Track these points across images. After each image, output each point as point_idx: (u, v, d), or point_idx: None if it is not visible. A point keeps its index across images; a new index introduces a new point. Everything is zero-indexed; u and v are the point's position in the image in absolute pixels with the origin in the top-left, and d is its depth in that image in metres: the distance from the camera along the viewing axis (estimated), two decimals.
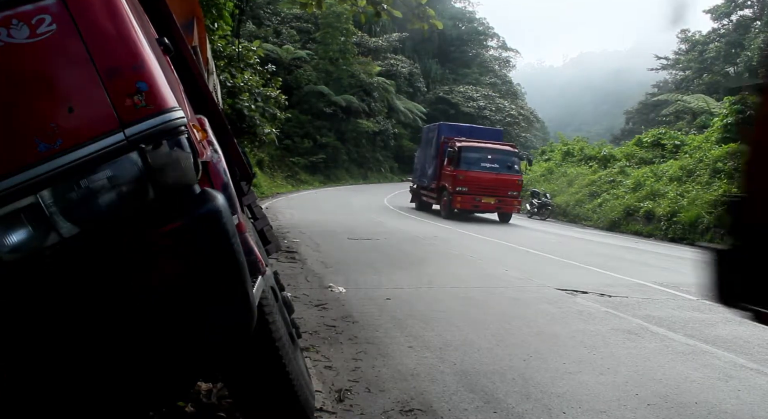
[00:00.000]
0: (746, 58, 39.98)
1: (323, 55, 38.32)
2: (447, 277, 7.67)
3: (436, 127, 20.90)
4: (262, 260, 2.24)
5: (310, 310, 5.42)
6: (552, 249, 11.24)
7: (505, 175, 18.14)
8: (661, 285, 7.91)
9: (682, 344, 5.03)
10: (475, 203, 17.78)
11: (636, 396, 3.69)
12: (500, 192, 17.97)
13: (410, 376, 3.80)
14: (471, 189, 17.66)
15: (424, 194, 20.92)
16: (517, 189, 18.60)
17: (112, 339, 1.65)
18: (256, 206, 3.50)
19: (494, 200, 17.85)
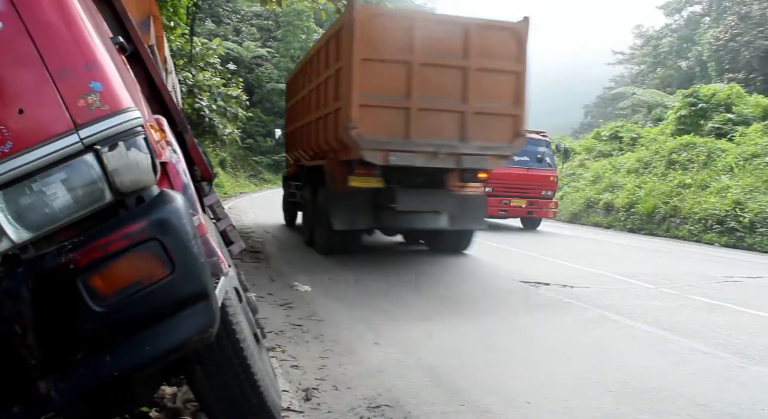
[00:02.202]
0: (697, 53, 41.13)
1: (284, 53, 38.06)
2: (410, 271, 7.71)
3: None
4: (224, 261, 2.22)
5: (275, 310, 5.39)
6: (515, 243, 11.40)
7: (537, 171, 14.52)
8: (620, 274, 8.10)
9: (641, 331, 5.16)
10: (503, 207, 14.08)
11: (597, 383, 3.78)
12: (532, 192, 14.46)
13: (377, 373, 3.82)
14: (497, 189, 13.53)
15: None
16: (552, 187, 14.96)
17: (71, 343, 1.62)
18: (219, 206, 3.46)
19: (525, 202, 14.36)
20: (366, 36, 7.14)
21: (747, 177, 14.81)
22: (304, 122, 10.31)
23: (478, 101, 7.54)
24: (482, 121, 7.60)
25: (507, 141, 7.81)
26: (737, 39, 35.29)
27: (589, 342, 4.77)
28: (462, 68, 7.49)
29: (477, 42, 7.49)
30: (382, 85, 7.24)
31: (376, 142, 7.20)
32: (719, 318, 5.78)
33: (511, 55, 7.75)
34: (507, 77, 7.77)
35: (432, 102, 7.40)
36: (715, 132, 19.47)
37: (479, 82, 7.52)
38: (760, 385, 3.89)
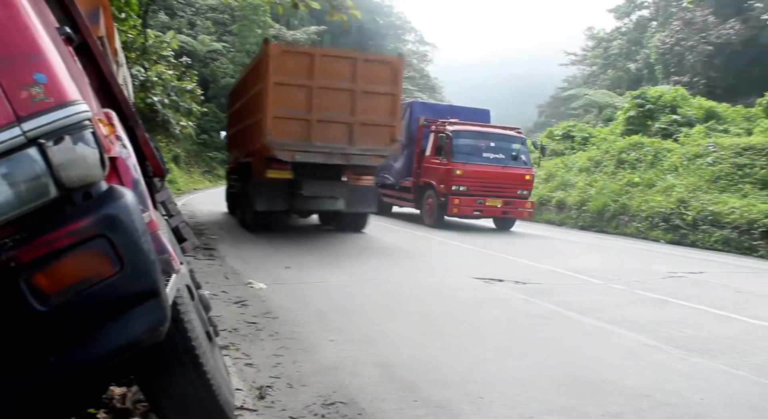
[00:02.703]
0: (645, 56, 42.41)
1: (240, 48, 37.50)
2: (369, 270, 7.73)
3: (407, 107, 15.45)
4: (176, 258, 2.18)
5: (229, 307, 5.33)
6: (469, 240, 11.54)
7: (512, 169, 13.88)
8: (572, 271, 8.30)
9: (590, 326, 5.31)
10: (477, 207, 13.50)
11: (549, 377, 3.87)
12: (508, 191, 13.80)
13: (332, 370, 3.82)
14: (472, 188, 13.35)
15: (388, 194, 16.45)
16: (528, 186, 14.32)
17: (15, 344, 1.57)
18: (171, 203, 3.40)
19: (501, 202, 13.67)
20: (278, 66, 9.62)
21: (690, 176, 15.38)
22: (239, 127, 12.94)
23: (363, 115, 10.02)
24: (366, 129, 10.07)
25: (385, 145, 10.38)
26: (682, 43, 36.54)
27: (541, 338, 4.87)
28: (350, 90, 9.95)
29: (362, 71, 10.04)
30: (290, 102, 9.64)
31: (286, 144, 9.57)
32: (663, 313, 6.00)
33: (389, 81, 10.33)
34: (385, 98, 10.30)
35: (327, 115, 9.84)
36: (662, 132, 20.15)
37: (364, 101, 10.01)
38: (699, 376, 4.05)
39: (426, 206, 14.34)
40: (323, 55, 10.41)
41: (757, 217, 12.37)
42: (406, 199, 15.54)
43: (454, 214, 13.81)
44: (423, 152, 14.54)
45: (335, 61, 10.22)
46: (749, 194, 13.80)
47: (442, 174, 13.56)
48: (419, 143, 14.75)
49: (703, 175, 15.18)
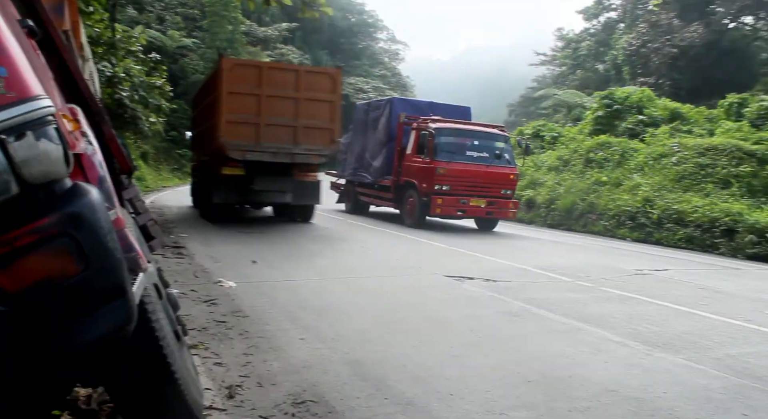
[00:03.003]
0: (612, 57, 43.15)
1: (210, 44, 37.02)
2: (339, 268, 7.73)
3: (386, 103, 15.34)
4: (143, 256, 2.16)
5: (198, 306, 5.27)
6: (442, 239, 11.60)
7: (496, 168, 13.46)
8: (540, 268, 8.41)
9: (558, 323, 5.39)
10: (461, 207, 13.07)
11: (517, 374, 3.92)
12: (492, 190, 13.39)
13: (302, 368, 3.81)
14: (455, 187, 12.94)
15: (365, 193, 16.01)
16: (511, 186, 13.87)
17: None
18: (139, 200, 3.35)
19: (485, 202, 13.25)
20: (230, 78, 11.00)
21: (656, 176, 15.71)
22: (200, 129, 14.38)
23: (305, 119, 11.35)
24: (308, 132, 11.39)
25: (325, 145, 11.70)
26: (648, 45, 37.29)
27: (511, 334, 4.93)
28: (294, 98, 11.30)
29: (304, 81, 11.44)
30: (241, 109, 11.01)
31: (238, 145, 10.91)
32: (629, 309, 6.12)
33: (328, 89, 11.75)
34: (325, 104, 11.63)
35: (274, 120, 11.16)
36: (629, 132, 20.53)
37: (306, 107, 11.36)
38: (662, 371, 4.15)
39: (407, 206, 13.88)
40: (270, 67, 12.67)
41: (719, 216, 12.69)
42: (386, 198, 15.00)
43: (436, 215, 13.39)
44: (404, 150, 14.02)
45: (281, 73, 11.89)
46: (711, 193, 14.16)
47: (425, 173, 13.11)
48: (400, 141, 14.19)
49: (668, 174, 15.52)
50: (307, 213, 12.74)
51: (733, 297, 7.26)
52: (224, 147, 10.85)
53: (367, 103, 17.64)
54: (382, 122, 15.01)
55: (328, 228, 12.60)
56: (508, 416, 3.23)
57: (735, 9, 37.41)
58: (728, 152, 15.51)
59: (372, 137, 15.52)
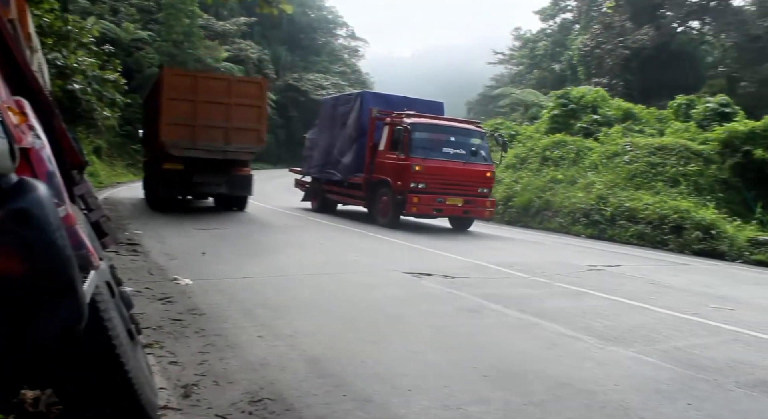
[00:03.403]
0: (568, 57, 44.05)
1: (167, 38, 36.17)
2: (297, 265, 7.68)
3: (357, 97, 14.79)
4: (95, 254, 2.10)
5: (153, 305, 5.17)
6: (399, 236, 11.65)
7: (473, 165, 12.99)
8: (498, 265, 8.54)
9: (515, 318, 5.48)
10: (437, 206, 12.60)
11: (474, 369, 3.97)
12: (468, 189, 12.95)
13: (260, 366, 3.78)
14: (431, 185, 12.47)
15: (334, 191, 15.43)
16: (488, 184, 13.51)
17: None
18: (91, 196, 3.26)
19: (461, 201, 12.78)
20: (170, 86, 12.63)
21: (609, 174, 16.12)
22: (148, 128, 15.69)
23: (236, 122, 12.95)
24: (238, 133, 12.98)
25: (253, 144, 13.33)
26: (602, 47, 38.21)
27: (468, 330, 4.99)
28: (226, 104, 12.89)
29: (235, 89, 13.19)
30: (180, 113, 12.50)
31: (176, 143, 12.45)
32: (583, 304, 6.27)
33: (256, 96, 13.44)
34: (253, 109, 13.26)
35: (208, 122, 12.72)
36: (583, 131, 21.01)
37: (236, 111, 12.97)
38: (614, 364, 4.27)
39: (379, 205, 13.33)
40: (205, 77, 14.44)
41: (668, 213, 13.11)
42: (356, 196, 14.41)
43: (412, 214, 12.96)
44: (376, 146, 13.40)
45: (214, 82, 13.60)
46: (661, 191, 14.62)
47: (399, 170, 12.58)
48: (371, 136, 13.53)
49: (621, 172, 15.95)
50: (241, 202, 14.24)
51: (680, 292, 7.51)
52: (165, 145, 12.45)
53: (335, 97, 17.01)
54: (353, 117, 14.48)
55: (287, 225, 12.52)
56: (465, 411, 3.27)
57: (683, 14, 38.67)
58: (677, 152, 16.05)
59: (341, 132, 14.96)
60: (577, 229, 14.80)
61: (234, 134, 12.93)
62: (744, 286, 8.41)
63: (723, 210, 13.81)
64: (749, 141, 15.57)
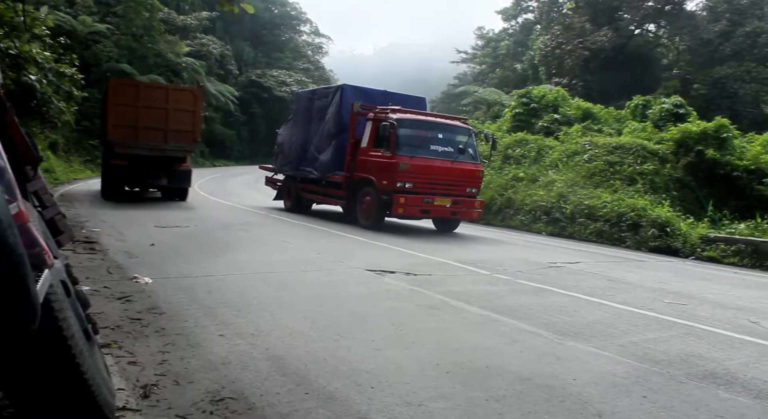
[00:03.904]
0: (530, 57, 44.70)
1: (126, 31, 35.30)
2: (259, 263, 7.61)
3: (336, 91, 13.96)
4: (49, 252, 2.05)
5: (112, 304, 5.06)
6: (362, 233, 11.66)
7: (461, 164, 12.41)
8: (460, 262, 8.62)
9: (476, 315, 5.55)
10: (425, 207, 11.94)
11: (437, 365, 4.01)
12: (457, 188, 12.35)
13: (221, 365, 3.74)
14: (419, 185, 11.84)
15: (310, 191, 14.77)
16: (476, 184, 12.90)
17: None
18: (45, 193, 3.18)
19: (450, 201, 12.15)
20: (115, 94, 14.85)
21: (569, 172, 16.43)
22: (101, 129, 17.56)
23: (173, 124, 14.95)
24: (175, 134, 15.00)
25: (188, 143, 15.48)
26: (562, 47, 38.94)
27: (431, 327, 5.03)
28: (165, 109, 14.90)
29: (173, 96, 15.26)
30: (124, 116, 14.55)
31: (122, 142, 14.50)
32: (543, 301, 6.39)
33: (191, 103, 15.44)
34: (188, 113, 15.31)
35: (149, 124, 14.68)
36: (544, 130, 21.39)
37: (173, 115, 14.98)
38: (573, 359, 4.36)
39: (362, 205, 12.61)
40: (146, 86, 16.73)
41: (625, 211, 13.44)
42: (335, 196, 13.67)
43: (398, 215, 12.28)
44: (358, 143, 12.65)
45: (154, 90, 15.91)
46: (619, 189, 14.98)
47: (384, 168, 11.89)
48: (353, 132, 12.76)
49: (580, 171, 16.28)
50: (182, 193, 16.09)
51: (636, 288, 7.71)
52: (112, 143, 14.60)
53: (312, 90, 16.29)
54: (331, 111, 13.72)
55: (249, 223, 12.40)
56: (427, 407, 3.30)
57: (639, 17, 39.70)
58: (634, 151, 16.48)
59: (318, 128, 14.26)
60: (538, 227, 15.05)
61: (171, 135, 14.95)
62: (696, 282, 8.68)
63: (677, 209, 14.23)
64: (701, 141, 16.07)
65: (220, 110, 45.17)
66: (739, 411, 3.57)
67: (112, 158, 14.63)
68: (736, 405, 3.65)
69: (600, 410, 3.42)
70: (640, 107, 22.68)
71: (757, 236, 11.78)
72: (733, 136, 16.46)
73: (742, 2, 36.91)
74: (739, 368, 4.41)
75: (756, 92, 31.96)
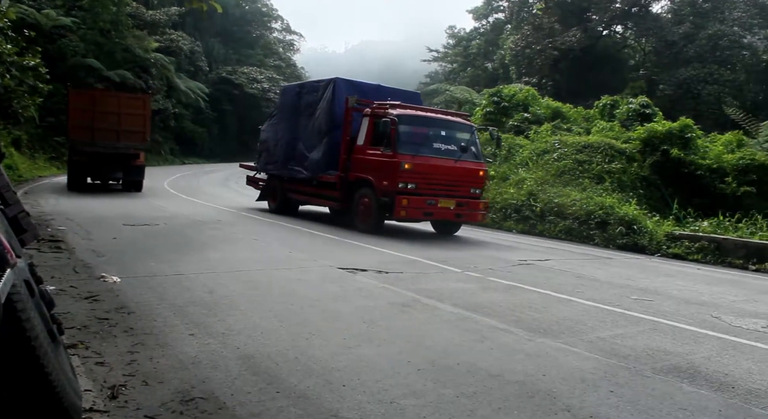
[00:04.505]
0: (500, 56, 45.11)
1: (92, 25, 34.55)
2: (230, 261, 7.55)
3: (328, 85, 12.91)
4: (11, 251, 2.01)
5: (78, 303, 4.97)
6: (332, 231, 11.64)
7: (465, 163, 11.65)
8: (431, 260, 8.67)
9: (447, 312, 5.59)
10: (428, 209, 11.25)
11: (408, 363, 4.03)
12: (461, 189, 11.64)
13: (191, 365, 3.70)
14: (421, 185, 11.12)
15: (299, 191, 13.81)
16: (480, 184, 12.19)
17: None
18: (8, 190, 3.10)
19: (454, 203, 11.47)
20: (74, 100, 17.47)
21: (539, 171, 16.63)
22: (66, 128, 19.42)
23: (125, 126, 17.61)
24: (127, 134, 17.66)
25: (139, 143, 17.97)
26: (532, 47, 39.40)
27: (402, 325, 5.05)
28: (117, 113, 17.52)
29: (124, 102, 18.01)
30: (83, 119, 17.20)
31: (81, 142, 17.11)
32: (514, 298, 6.46)
33: (141, 107, 18.21)
34: (139, 116, 18.00)
35: (104, 126, 17.29)
36: (515, 129, 21.61)
37: (125, 119, 17.64)
38: (542, 355, 4.43)
39: (359, 207, 11.80)
40: (101, 94, 19.57)
41: (594, 209, 13.66)
42: (328, 197, 12.75)
43: (401, 218, 11.49)
44: (353, 140, 11.85)
45: (108, 97, 18.71)
46: (587, 188, 15.22)
47: (385, 168, 11.12)
48: (348, 129, 11.92)
49: (550, 169, 16.49)
50: (138, 185, 18.24)
51: (604, 284, 7.85)
52: (72, 143, 17.45)
53: (300, 84, 15.06)
54: (323, 107, 12.79)
55: (221, 221, 12.27)
56: (399, 404, 3.31)
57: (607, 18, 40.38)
58: (602, 150, 16.76)
59: (307, 124, 13.27)
60: (508, 225, 15.19)
61: (123, 135, 17.62)
62: (662, 278, 8.87)
63: (644, 207, 14.52)
64: (666, 141, 16.43)
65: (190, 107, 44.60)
66: (701, 403, 3.66)
67: (74, 155, 17.25)
68: (699, 398, 3.75)
69: (568, 405, 3.47)
70: (608, 107, 23.06)
71: (719, 233, 12.08)
72: (696, 136, 16.86)
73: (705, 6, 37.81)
74: (702, 362, 4.53)
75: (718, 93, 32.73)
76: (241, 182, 27.18)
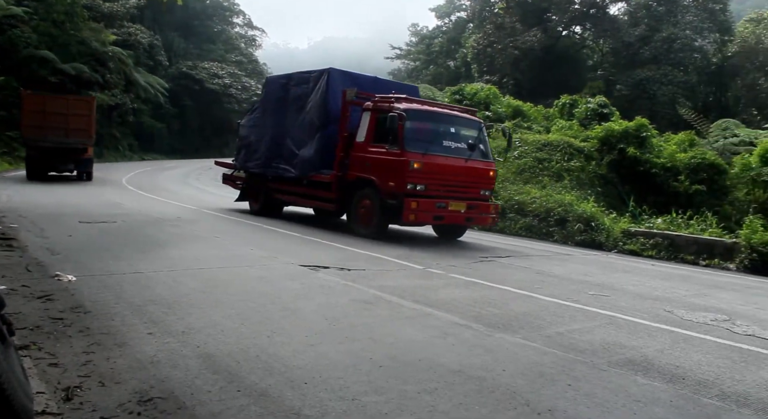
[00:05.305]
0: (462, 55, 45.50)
1: (45, 16, 33.53)
2: (190, 259, 7.43)
3: (321, 75, 11.83)
4: None
5: (31, 303, 4.83)
6: (294, 229, 11.57)
7: (474, 163, 10.79)
8: (394, 257, 8.70)
9: (409, 309, 5.62)
10: (438, 212, 10.33)
11: (370, 360, 4.04)
12: (471, 191, 10.85)
13: (150, 364, 3.64)
14: (431, 187, 10.19)
15: (286, 191, 12.80)
16: (490, 185, 11.34)
17: None
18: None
19: (465, 206, 10.60)
20: (27, 102, 20.43)
21: (500, 168, 16.83)
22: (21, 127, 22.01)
23: (72, 125, 20.39)
24: (74, 131, 20.43)
25: (85, 139, 20.82)
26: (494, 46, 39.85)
27: (364, 322, 5.06)
28: (65, 113, 20.28)
29: (71, 104, 21.02)
30: (35, 119, 19.90)
31: (32, 139, 19.88)
32: (474, 294, 6.54)
33: (86, 108, 21.27)
34: (84, 117, 20.85)
35: (54, 124, 19.97)
36: None
37: (73, 118, 20.46)
38: (502, 350, 4.50)
39: (359, 210, 10.88)
40: (51, 97, 21.30)
41: (553, 207, 13.92)
42: (321, 198, 11.74)
43: (410, 222, 10.50)
44: (352, 137, 10.91)
45: (57, 99, 21.17)
46: (547, 185, 15.49)
47: (391, 167, 10.17)
48: (345, 124, 10.99)
49: (511, 167, 16.72)
50: (88, 175, 21.44)
51: (563, 280, 8.01)
52: (26, 140, 20.30)
53: (287, 75, 13.47)
54: (315, 100, 11.75)
55: (180, 218, 12.06)
56: (361, 401, 3.32)
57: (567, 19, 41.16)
58: (561, 148, 17.09)
59: (297, 119, 12.23)
60: None
61: (71, 132, 20.30)
62: (618, 274, 9.10)
63: (601, 204, 14.88)
64: (623, 140, 16.87)
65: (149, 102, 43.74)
66: (654, 395, 3.78)
67: (30, 150, 20.07)
68: (652, 390, 3.86)
69: (528, 399, 3.54)
70: (568, 106, 23.53)
71: (672, 230, 12.46)
72: (651, 136, 17.36)
73: (659, 9, 38.86)
74: (655, 355, 4.67)
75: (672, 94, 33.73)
76: (202, 179, 26.84)
